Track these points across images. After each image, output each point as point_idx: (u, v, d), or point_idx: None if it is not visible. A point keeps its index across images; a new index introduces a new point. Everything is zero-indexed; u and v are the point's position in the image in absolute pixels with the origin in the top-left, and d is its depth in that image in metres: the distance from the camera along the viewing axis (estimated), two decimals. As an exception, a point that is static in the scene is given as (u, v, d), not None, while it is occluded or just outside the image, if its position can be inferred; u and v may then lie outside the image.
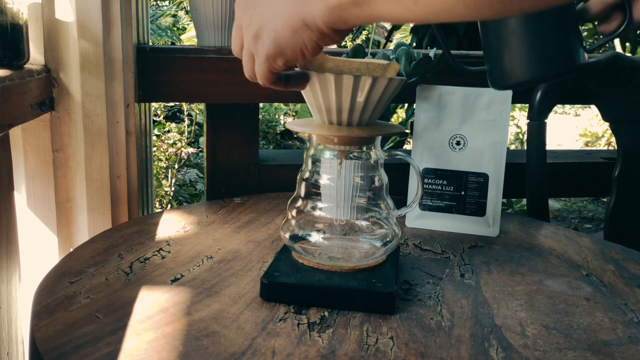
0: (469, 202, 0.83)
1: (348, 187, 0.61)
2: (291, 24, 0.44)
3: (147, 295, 0.58)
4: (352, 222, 0.62)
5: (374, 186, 0.62)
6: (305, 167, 0.63)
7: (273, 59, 0.47)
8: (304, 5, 0.42)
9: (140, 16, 0.98)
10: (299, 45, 0.45)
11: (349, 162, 0.61)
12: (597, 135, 5.10)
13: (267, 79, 0.50)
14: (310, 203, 0.62)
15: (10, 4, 0.73)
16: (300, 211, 0.62)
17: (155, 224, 0.80)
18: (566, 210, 3.78)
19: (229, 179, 1.09)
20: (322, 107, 0.57)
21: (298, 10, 0.43)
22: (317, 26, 0.43)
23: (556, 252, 0.77)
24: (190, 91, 1.00)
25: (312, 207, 0.62)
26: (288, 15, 0.44)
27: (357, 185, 0.61)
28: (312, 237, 0.62)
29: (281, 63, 0.47)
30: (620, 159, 1.06)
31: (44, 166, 0.88)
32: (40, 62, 0.85)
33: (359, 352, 0.49)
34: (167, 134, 2.91)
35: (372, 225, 0.63)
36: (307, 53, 0.46)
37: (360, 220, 0.62)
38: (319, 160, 0.62)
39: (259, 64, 0.48)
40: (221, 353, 0.48)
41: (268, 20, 0.45)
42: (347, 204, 0.61)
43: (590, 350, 0.52)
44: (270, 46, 0.46)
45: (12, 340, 0.76)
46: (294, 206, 0.63)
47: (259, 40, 0.47)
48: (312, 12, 0.42)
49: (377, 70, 0.56)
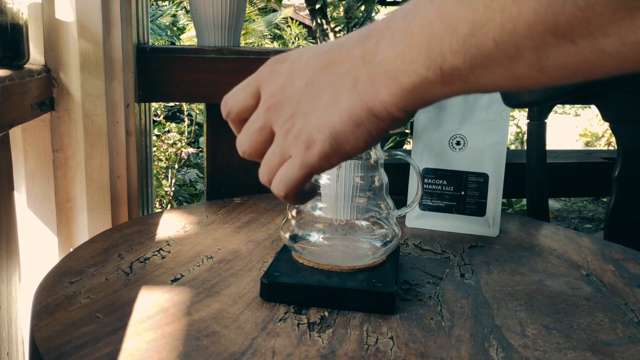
0: (469, 202, 0.83)
1: (348, 187, 0.61)
2: (353, 116, 0.36)
3: (147, 295, 0.58)
4: (352, 222, 0.62)
5: (373, 186, 0.62)
6: None
7: (327, 159, 0.38)
8: (367, 93, 0.35)
9: (140, 16, 0.98)
10: (363, 138, 0.36)
11: (348, 162, 0.60)
12: (597, 135, 5.10)
13: (294, 187, 0.40)
14: (310, 203, 0.62)
15: (10, 4, 0.73)
16: (299, 211, 0.62)
17: (155, 224, 0.80)
18: (566, 210, 3.78)
19: (229, 179, 1.09)
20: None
21: (360, 100, 0.35)
22: (388, 113, 0.35)
23: (556, 252, 0.77)
24: (190, 91, 1.00)
25: (312, 207, 0.62)
26: (347, 107, 0.36)
27: (357, 185, 0.61)
28: (312, 237, 0.62)
29: (335, 162, 0.38)
30: (620, 159, 1.06)
31: (44, 166, 0.88)
32: (40, 62, 0.85)
33: (359, 352, 0.49)
34: (167, 134, 2.91)
35: (372, 225, 0.63)
36: (372, 143, 0.37)
37: (360, 220, 0.62)
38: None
39: (294, 167, 0.39)
40: (221, 353, 0.48)
41: (316, 117, 0.37)
42: (347, 204, 0.61)
43: (590, 350, 0.52)
44: (325, 145, 0.37)
45: (12, 340, 0.76)
46: (294, 206, 0.63)
47: (300, 140, 0.38)
48: (380, 98, 0.34)
49: None
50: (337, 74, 0.36)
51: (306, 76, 0.38)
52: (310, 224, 0.62)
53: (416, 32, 0.31)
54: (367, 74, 0.35)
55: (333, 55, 0.37)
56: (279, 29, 8.04)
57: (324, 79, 0.37)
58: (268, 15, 7.86)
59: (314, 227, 0.62)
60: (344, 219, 0.61)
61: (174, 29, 5.88)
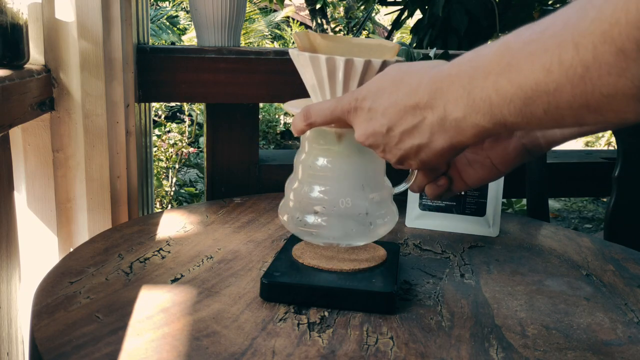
0: (469, 202, 0.83)
1: (346, 167, 0.60)
2: (441, 152, 0.47)
3: (147, 295, 0.58)
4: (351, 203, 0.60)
5: (372, 166, 0.61)
6: (302, 148, 0.62)
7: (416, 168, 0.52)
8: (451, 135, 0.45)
9: (140, 16, 0.98)
10: (444, 161, 0.49)
11: (346, 143, 0.59)
12: (597, 135, 5.10)
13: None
14: (307, 185, 0.61)
15: (10, 4, 0.73)
16: (297, 193, 0.61)
17: (155, 224, 0.80)
18: (566, 210, 3.78)
19: (229, 179, 1.09)
20: (316, 87, 0.56)
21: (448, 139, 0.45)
22: (465, 146, 0.46)
23: (556, 252, 0.77)
24: (190, 91, 1.00)
25: (309, 189, 0.60)
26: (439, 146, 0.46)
27: (356, 166, 0.60)
28: (310, 218, 0.60)
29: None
30: (620, 159, 1.06)
31: (44, 166, 0.88)
32: (40, 62, 0.85)
33: (359, 352, 0.49)
34: (168, 134, 2.91)
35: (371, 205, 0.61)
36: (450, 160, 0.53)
37: (360, 200, 0.60)
38: (316, 142, 0.60)
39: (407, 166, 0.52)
40: (221, 353, 0.48)
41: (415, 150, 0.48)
42: (345, 184, 0.60)
43: (590, 350, 0.52)
44: (417, 164, 0.50)
45: (12, 340, 0.76)
46: (291, 188, 0.62)
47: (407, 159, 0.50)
48: (461, 139, 0.45)
49: (373, 51, 0.56)
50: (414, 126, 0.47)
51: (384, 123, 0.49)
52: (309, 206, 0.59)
53: (477, 100, 0.41)
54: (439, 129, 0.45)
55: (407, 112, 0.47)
56: (279, 29, 8.04)
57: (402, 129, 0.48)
58: (268, 15, 7.87)
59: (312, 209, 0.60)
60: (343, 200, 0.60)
61: (175, 30, 5.89)
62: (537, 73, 0.36)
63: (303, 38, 0.58)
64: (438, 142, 0.46)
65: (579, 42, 0.33)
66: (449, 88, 0.43)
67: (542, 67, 0.35)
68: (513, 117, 0.39)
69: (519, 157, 0.56)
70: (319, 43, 0.58)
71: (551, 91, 0.35)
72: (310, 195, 0.60)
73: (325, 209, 0.59)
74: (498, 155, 0.56)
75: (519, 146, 0.56)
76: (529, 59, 0.36)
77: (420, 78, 0.46)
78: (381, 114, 0.48)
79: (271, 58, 1.01)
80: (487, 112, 0.40)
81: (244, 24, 1.46)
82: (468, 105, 0.41)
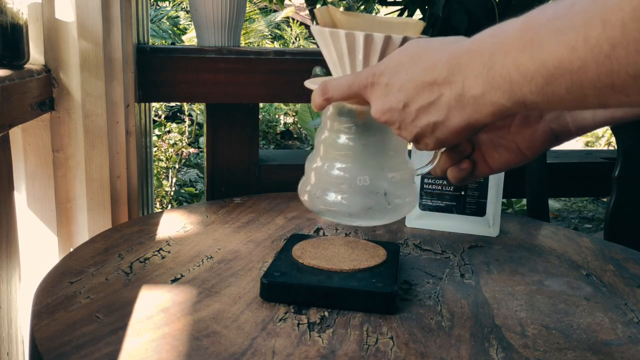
0: (469, 202, 0.83)
1: (364, 145, 0.59)
2: (457, 130, 0.45)
3: (147, 295, 0.58)
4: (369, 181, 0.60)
5: (392, 144, 0.60)
6: (324, 126, 0.61)
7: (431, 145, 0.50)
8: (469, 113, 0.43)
9: (140, 16, 0.98)
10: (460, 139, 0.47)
11: (366, 121, 0.59)
12: (597, 135, 5.10)
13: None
14: (328, 162, 0.60)
15: (10, 4, 0.73)
16: (318, 171, 0.60)
17: (156, 224, 0.80)
18: (566, 210, 3.78)
19: (229, 179, 1.09)
20: (336, 63, 0.56)
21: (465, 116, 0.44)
22: (483, 125, 0.44)
23: (556, 252, 0.77)
24: (190, 91, 1.00)
25: (329, 167, 0.59)
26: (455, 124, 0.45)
27: (375, 144, 0.59)
28: (331, 196, 0.59)
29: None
30: (620, 159, 1.06)
31: (44, 166, 0.88)
32: (40, 62, 0.85)
33: (359, 352, 0.49)
34: (168, 134, 2.91)
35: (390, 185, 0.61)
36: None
37: (378, 179, 0.60)
38: (337, 120, 0.59)
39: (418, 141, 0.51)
40: (221, 353, 0.48)
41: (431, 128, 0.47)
42: (363, 162, 0.59)
43: (590, 350, 0.52)
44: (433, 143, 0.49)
45: (12, 340, 0.76)
46: (311, 167, 0.60)
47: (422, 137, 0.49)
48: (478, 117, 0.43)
49: (395, 29, 0.55)
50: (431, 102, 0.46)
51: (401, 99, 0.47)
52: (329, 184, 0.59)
53: (497, 77, 0.39)
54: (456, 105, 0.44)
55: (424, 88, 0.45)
56: (280, 29, 8.03)
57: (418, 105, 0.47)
58: (268, 15, 7.86)
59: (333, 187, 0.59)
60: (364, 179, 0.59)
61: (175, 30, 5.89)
62: (561, 50, 0.34)
63: (324, 14, 0.57)
64: (455, 120, 0.45)
65: (607, 19, 0.31)
66: (469, 64, 0.41)
67: (566, 44, 0.34)
68: (534, 96, 0.38)
69: (546, 142, 0.54)
70: (339, 19, 0.57)
71: (575, 69, 0.34)
72: (330, 172, 0.58)
73: (345, 186, 0.58)
74: (525, 140, 0.54)
75: (547, 131, 0.54)
76: (554, 36, 0.35)
77: (439, 54, 0.44)
78: (398, 89, 0.47)
79: (271, 58, 1.01)
80: (507, 89, 0.39)
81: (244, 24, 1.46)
82: (487, 82, 0.40)
